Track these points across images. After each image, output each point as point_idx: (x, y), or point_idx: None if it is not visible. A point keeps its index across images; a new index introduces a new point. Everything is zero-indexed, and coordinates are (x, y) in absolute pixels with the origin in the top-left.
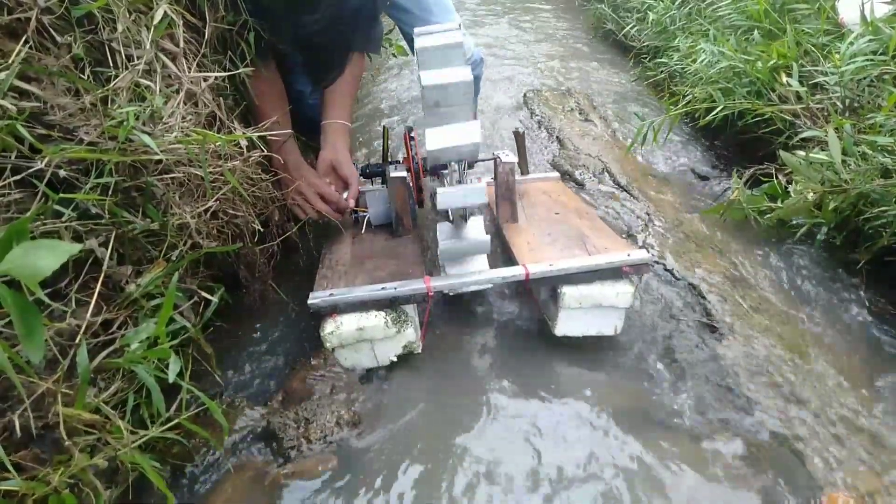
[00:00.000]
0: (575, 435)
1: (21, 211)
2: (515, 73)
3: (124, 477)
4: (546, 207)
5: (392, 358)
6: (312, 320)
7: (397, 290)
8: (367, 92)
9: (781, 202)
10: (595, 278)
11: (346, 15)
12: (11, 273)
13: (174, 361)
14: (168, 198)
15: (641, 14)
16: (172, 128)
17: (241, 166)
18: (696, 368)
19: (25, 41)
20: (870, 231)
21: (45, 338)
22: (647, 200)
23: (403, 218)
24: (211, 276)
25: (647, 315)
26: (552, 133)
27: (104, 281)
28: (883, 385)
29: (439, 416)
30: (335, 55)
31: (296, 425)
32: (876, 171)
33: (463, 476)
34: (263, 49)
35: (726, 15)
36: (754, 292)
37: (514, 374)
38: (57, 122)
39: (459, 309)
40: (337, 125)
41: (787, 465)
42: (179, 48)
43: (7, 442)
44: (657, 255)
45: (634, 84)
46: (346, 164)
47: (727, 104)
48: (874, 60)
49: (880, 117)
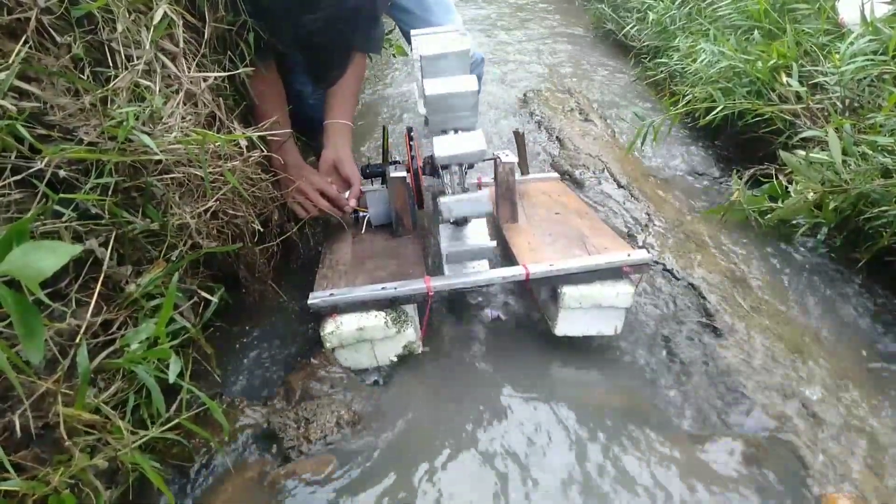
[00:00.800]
0: (575, 435)
1: (21, 211)
2: (515, 72)
3: (124, 477)
4: (546, 207)
5: (392, 358)
6: (312, 320)
7: (397, 290)
8: (368, 92)
9: (782, 202)
10: (595, 278)
11: (346, 15)
12: (12, 273)
13: (174, 362)
14: (168, 198)
15: (641, 14)
16: (172, 128)
17: (240, 166)
18: (695, 368)
19: (25, 41)
20: (870, 231)
21: (45, 338)
22: (647, 200)
23: (403, 218)
24: (211, 276)
25: (647, 315)
26: (552, 133)
27: (104, 281)
28: (883, 385)
29: (439, 416)
30: (335, 55)
31: (296, 425)
32: (876, 171)
33: (463, 476)
34: (263, 50)
35: (726, 15)
36: (754, 292)
37: (514, 373)
38: (57, 122)
39: (460, 309)
40: (339, 125)
41: (786, 465)
42: (179, 48)
43: (7, 442)
44: (657, 255)
45: (634, 84)
46: (348, 163)
47: (727, 104)
48: (874, 60)
49: (880, 117)
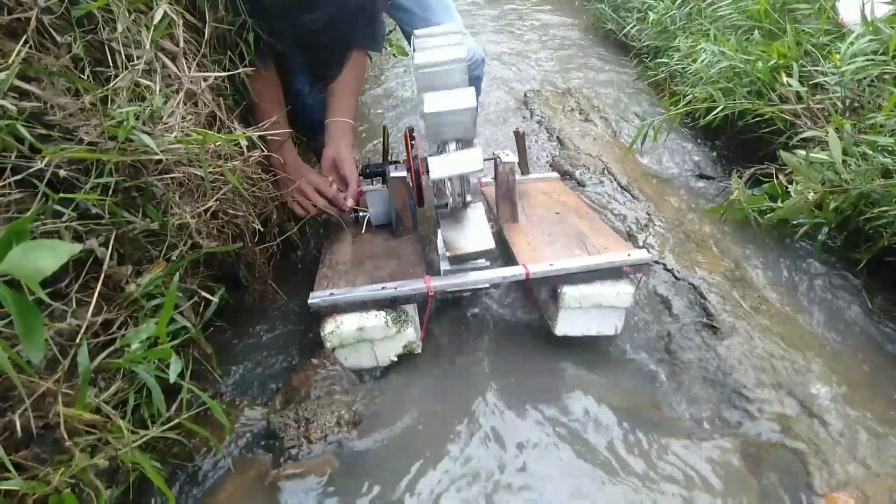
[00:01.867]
0: (575, 435)
1: (21, 211)
2: (515, 73)
3: (125, 477)
4: (546, 207)
5: (392, 358)
6: (312, 320)
7: (397, 290)
8: (368, 92)
9: (782, 202)
10: (595, 278)
11: (347, 13)
12: (12, 273)
13: (175, 361)
14: (168, 198)
15: (642, 14)
16: (172, 128)
17: (241, 166)
18: (696, 368)
19: (25, 41)
20: (870, 231)
21: (46, 338)
22: (647, 200)
23: (403, 218)
24: (211, 276)
25: (647, 315)
26: (552, 133)
27: (104, 281)
28: (883, 384)
29: (439, 416)
30: (335, 54)
31: (296, 425)
32: (876, 171)
33: (463, 475)
34: (262, 50)
35: (727, 15)
36: (754, 292)
37: (514, 373)
38: (57, 122)
39: (460, 308)
40: (340, 123)
41: (787, 465)
42: (179, 48)
43: (7, 442)
44: (657, 254)
45: (635, 84)
46: (348, 162)
47: (727, 104)
48: (874, 60)
49: (880, 117)
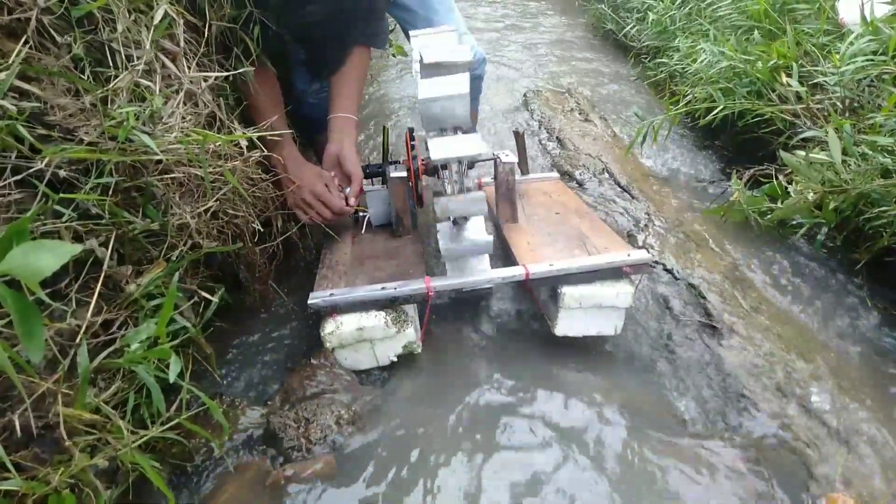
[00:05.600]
0: (575, 435)
1: (21, 211)
2: (515, 73)
3: (124, 477)
4: (546, 207)
5: (392, 358)
6: (312, 320)
7: (397, 291)
8: (368, 92)
9: (781, 202)
10: (595, 278)
11: (350, 8)
12: (12, 273)
13: (174, 361)
14: (168, 198)
15: (641, 14)
16: (172, 128)
17: (241, 166)
18: (695, 369)
19: (25, 41)
20: (870, 231)
21: (46, 338)
22: (647, 200)
23: (403, 218)
24: (211, 276)
25: (647, 315)
26: (552, 133)
27: (104, 281)
28: (883, 385)
29: (439, 416)
30: (336, 49)
31: (296, 425)
32: (876, 171)
33: (463, 476)
34: (265, 46)
35: (726, 15)
36: (754, 292)
37: (514, 373)
38: (57, 122)
39: (460, 309)
40: (343, 119)
41: (787, 465)
42: (179, 48)
43: (7, 442)
44: (657, 255)
45: (634, 84)
46: (351, 160)
47: (727, 104)
48: (874, 60)
49: (880, 117)
